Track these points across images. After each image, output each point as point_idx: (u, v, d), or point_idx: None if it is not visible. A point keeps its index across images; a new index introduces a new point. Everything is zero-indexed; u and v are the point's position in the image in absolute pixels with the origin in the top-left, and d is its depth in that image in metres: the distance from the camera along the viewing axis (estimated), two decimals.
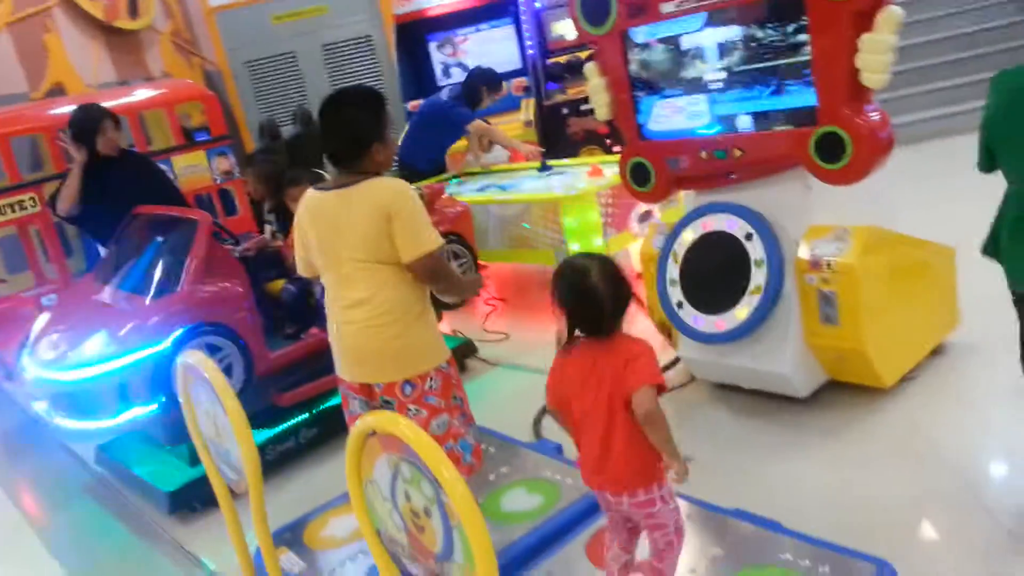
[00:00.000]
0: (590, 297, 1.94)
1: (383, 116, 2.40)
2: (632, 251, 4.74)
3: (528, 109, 7.88)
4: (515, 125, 7.74)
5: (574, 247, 4.52)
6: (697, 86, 3.14)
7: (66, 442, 4.47)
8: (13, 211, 4.54)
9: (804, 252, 2.98)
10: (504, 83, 5.94)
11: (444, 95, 5.91)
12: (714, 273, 3.16)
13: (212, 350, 3.36)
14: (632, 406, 1.89)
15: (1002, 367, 3.16)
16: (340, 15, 9.84)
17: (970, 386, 3.15)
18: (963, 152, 2.66)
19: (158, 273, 3.47)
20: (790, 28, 2.80)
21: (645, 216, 4.79)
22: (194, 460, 3.39)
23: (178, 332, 3.28)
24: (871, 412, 3.07)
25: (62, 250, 4.69)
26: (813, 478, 2.79)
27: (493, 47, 8.24)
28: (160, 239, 3.66)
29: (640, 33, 3.23)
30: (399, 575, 1.87)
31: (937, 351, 3.36)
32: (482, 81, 5.82)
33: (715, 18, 3.00)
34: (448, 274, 2.49)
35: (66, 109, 4.76)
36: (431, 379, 2.43)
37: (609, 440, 1.95)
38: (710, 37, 3.04)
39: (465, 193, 5.40)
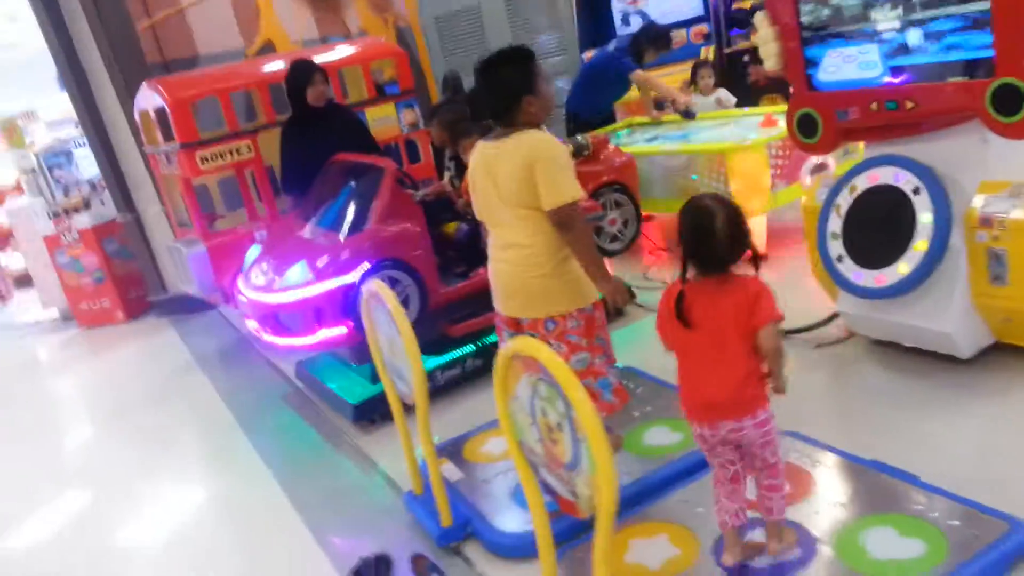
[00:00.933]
0: (711, 236, 2.06)
1: (531, 69, 2.56)
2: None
3: (709, 56, 7.76)
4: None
5: (740, 198, 4.51)
6: (870, 34, 3.06)
7: (271, 358, 5.13)
8: (232, 156, 5.15)
9: (975, 208, 2.87)
10: (670, 39, 5.93)
11: (611, 46, 6.00)
12: (878, 227, 3.11)
13: (392, 283, 3.74)
14: (759, 340, 2.04)
15: None
16: None
17: None
18: None
19: (349, 214, 3.88)
20: None
21: (819, 168, 4.69)
22: (375, 378, 3.82)
23: (364, 266, 3.68)
24: None
25: (272, 191, 5.28)
26: (965, 439, 2.75)
27: None
28: (352, 184, 4.07)
29: None
30: (536, 481, 2.11)
31: None
32: (647, 38, 5.86)
33: None
34: (579, 229, 2.54)
35: (275, 66, 5.34)
36: (573, 318, 2.62)
37: (729, 370, 2.08)
38: None
39: (633, 144, 5.49)
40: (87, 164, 7.68)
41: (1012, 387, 2.94)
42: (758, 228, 4.68)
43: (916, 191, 2.97)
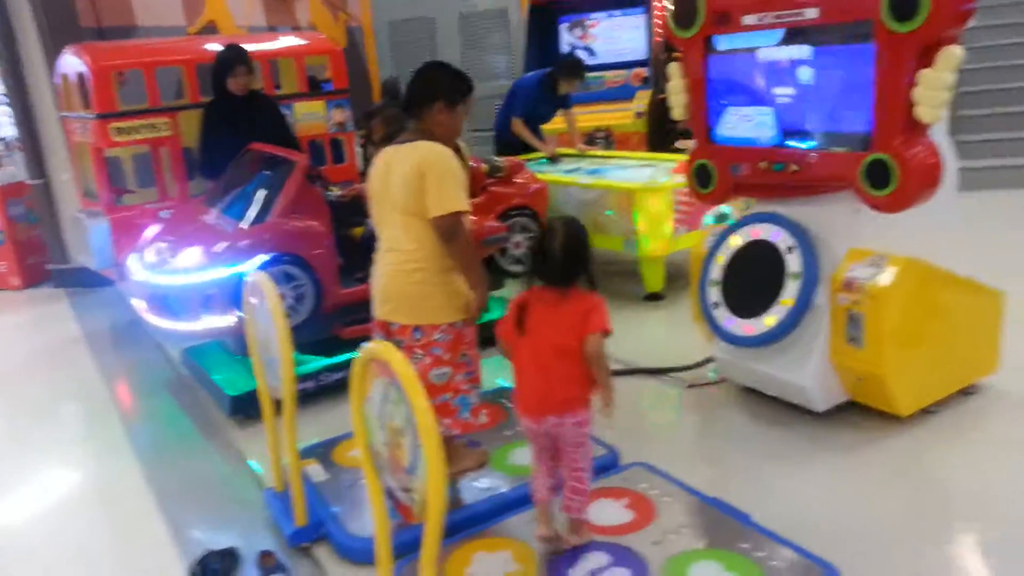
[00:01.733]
0: (551, 253, 2.33)
1: (461, 87, 2.69)
2: None
3: (642, 100, 7.99)
4: (627, 115, 7.89)
5: (643, 237, 4.67)
6: (767, 98, 3.24)
7: (161, 342, 5.03)
8: (149, 131, 5.07)
9: (842, 271, 3.05)
10: (581, 69, 6.10)
11: (531, 76, 6.19)
12: (752, 279, 3.27)
13: (288, 278, 3.74)
14: (585, 346, 2.29)
15: None
16: None
17: (990, 431, 3.15)
18: None
19: (254, 204, 3.87)
20: (857, 55, 2.87)
21: (722, 218, 4.88)
22: None
23: (261, 257, 3.67)
24: (882, 437, 3.12)
25: (185, 172, 5.21)
26: (804, 487, 2.89)
27: (622, 35, 8.37)
28: (262, 174, 4.07)
29: (722, 41, 3.35)
30: (380, 485, 2.15)
31: (968, 391, 3.35)
32: (559, 69, 6.05)
33: (791, 36, 3.09)
34: (462, 240, 2.61)
35: (210, 47, 5.30)
36: (442, 331, 2.66)
37: (560, 372, 2.32)
38: (784, 53, 3.13)
39: (552, 173, 5.62)
40: (4, 122, 7.43)
41: (857, 444, 3.11)
42: (657, 269, 4.84)
43: (790, 249, 3.14)
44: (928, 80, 2.68)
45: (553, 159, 6.03)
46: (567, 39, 8.73)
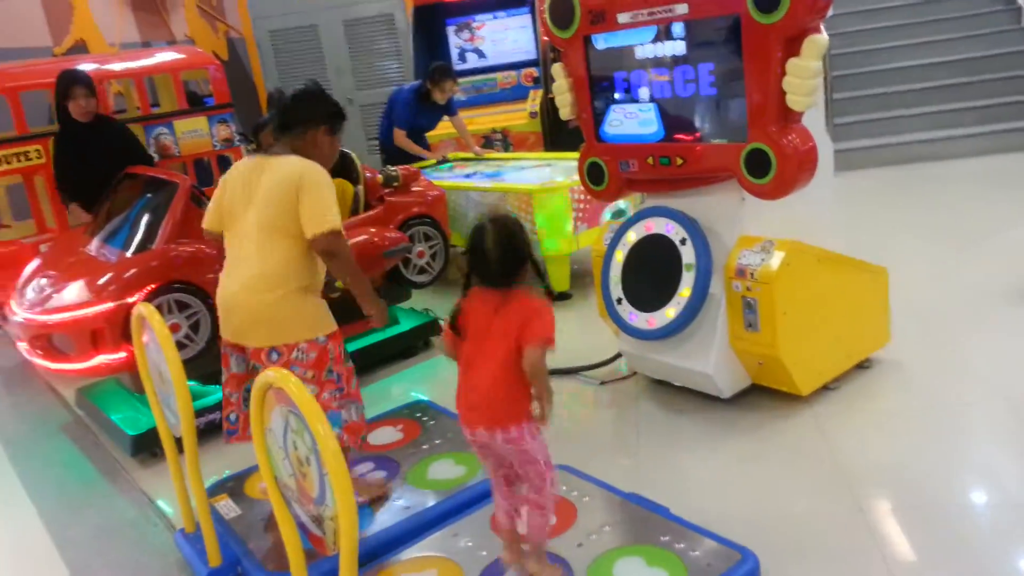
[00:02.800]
0: (483, 252, 2.15)
1: (339, 113, 2.70)
2: None
3: (535, 100, 8.06)
4: (522, 115, 7.94)
5: (545, 238, 4.70)
6: (647, 95, 3.31)
7: (53, 384, 4.76)
8: (19, 160, 4.80)
9: (733, 259, 3.15)
10: (447, 72, 6.10)
11: (407, 87, 6.22)
12: (651, 273, 3.34)
13: (181, 307, 3.60)
14: (524, 358, 2.11)
15: (920, 387, 3.35)
16: None
17: (886, 403, 3.31)
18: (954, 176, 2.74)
19: (138, 230, 3.71)
20: (728, 48, 2.96)
21: (619, 214, 4.96)
22: None
23: (150, 287, 3.52)
24: (785, 417, 3.24)
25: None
26: (716, 474, 2.98)
27: (509, 35, 8.44)
28: (144, 199, 3.90)
29: (600, 40, 3.40)
30: (291, 517, 2.09)
31: (863, 365, 3.52)
32: (427, 78, 6.05)
33: (664, 32, 3.17)
34: (345, 255, 2.60)
35: (82, 67, 5.04)
36: (299, 350, 2.57)
37: (494, 381, 2.16)
38: (660, 50, 3.20)
39: (449, 179, 5.60)
40: None
41: (763, 425, 3.22)
42: (562, 268, 4.89)
43: (683, 241, 3.22)
44: (795, 69, 2.79)
45: (443, 161, 6.01)
46: (455, 42, 8.72)
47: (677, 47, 3.14)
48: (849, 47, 8.39)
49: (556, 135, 7.89)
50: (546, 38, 8.19)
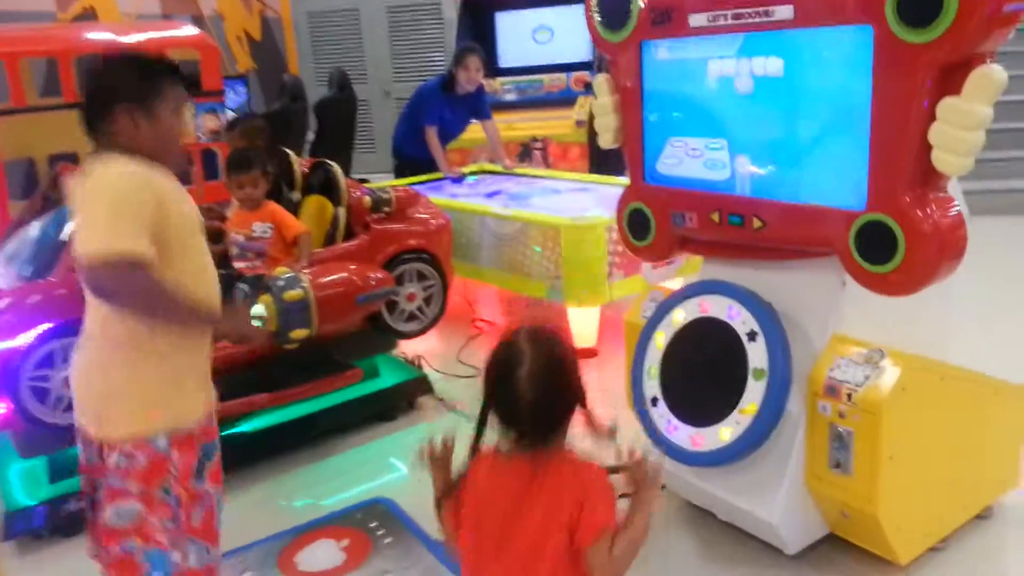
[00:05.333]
0: (514, 392, 1.45)
1: (156, 79, 1.85)
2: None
3: (584, 107, 7.18)
4: (567, 123, 7.07)
5: (571, 284, 3.81)
6: (721, 127, 2.41)
7: None
8: None
9: (822, 369, 2.23)
10: (474, 54, 5.17)
11: (433, 79, 5.36)
12: (702, 372, 2.43)
13: None
14: (587, 561, 1.46)
15: None
16: None
17: (1014, 570, 2.37)
18: None
19: (34, 253, 2.90)
20: (849, 73, 2.04)
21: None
22: (55, 475, 2.86)
23: (42, 327, 2.70)
24: None
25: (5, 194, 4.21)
26: None
27: (561, 32, 7.55)
28: (61, 211, 3.09)
29: (662, 48, 2.50)
30: None
31: (982, 515, 2.57)
32: (453, 62, 5.17)
33: (755, 44, 2.25)
34: (125, 292, 1.70)
35: (88, 35, 4.30)
36: (121, 452, 1.77)
37: None
38: (746, 67, 2.29)
39: (466, 197, 4.74)
40: None
41: None
42: (590, 322, 3.99)
43: (752, 336, 2.30)
44: (952, 113, 1.86)
45: (458, 178, 5.14)
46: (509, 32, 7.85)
47: (771, 65, 2.22)
48: None
49: (602, 151, 7.02)
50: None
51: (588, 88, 7.36)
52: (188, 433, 1.84)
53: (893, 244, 2.00)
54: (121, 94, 1.81)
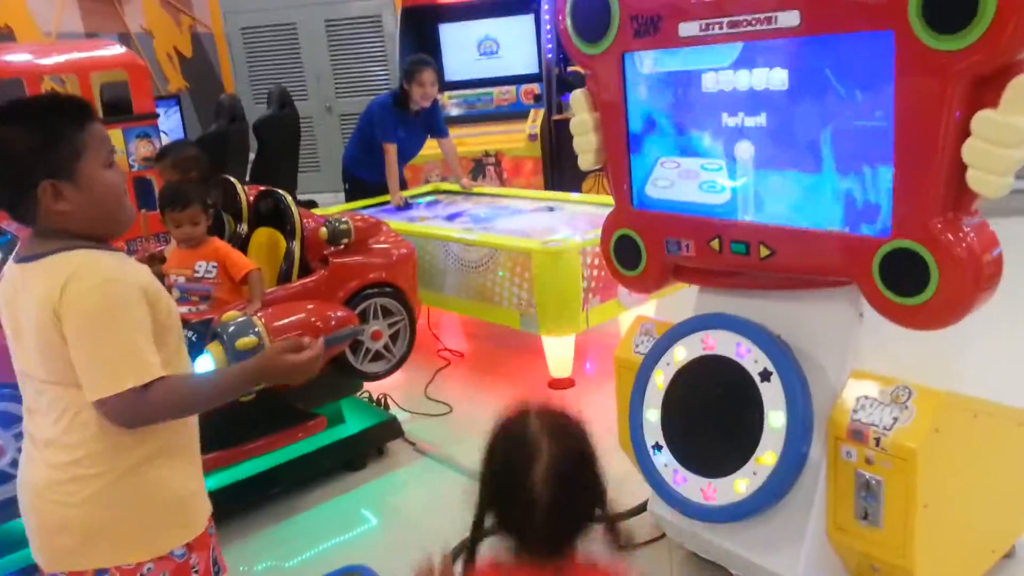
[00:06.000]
0: (523, 491, 1.20)
1: (62, 137, 1.46)
2: (622, 322, 3.81)
3: (536, 120, 6.97)
4: (520, 136, 6.86)
5: (544, 314, 3.57)
6: (718, 146, 2.19)
7: None
8: None
9: (844, 410, 2.02)
10: (427, 67, 4.84)
11: (383, 95, 5.07)
12: (711, 416, 2.21)
13: (8, 422, 2.45)
14: None
15: None
16: None
17: None
18: None
19: None
20: (868, 84, 1.85)
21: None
22: None
23: None
24: None
25: None
26: None
27: (508, 44, 7.33)
28: None
29: (647, 60, 2.28)
30: None
31: (1008, 554, 2.40)
32: (402, 75, 4.90)
33: (755, 53, 2.05)
34: (160, 413, 1.49)
35: (5, 58, 3.91)
36: (142, 575, 1.52)
37: None
38: (744, 80, 2.08)
39: (427, 220, 4.47)
40: None
41: None
42: (565, 351, 3.75)
43: (766, 376, 2.08)
44: (989, 128, 1.67)
45: (405, 207, 4.84)
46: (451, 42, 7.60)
47: (775, 78, 2.02)
48: None
49: (558, 162, 6.82)
50: (551, 55, 7.21)
51: (538, 100, 7.17)
52: (198, 532, 1.59)
53: (924, 274, 1.80)
54: (32, 169, 1.44)
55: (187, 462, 1.62)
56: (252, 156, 6.66)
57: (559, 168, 6.80)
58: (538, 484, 1.19)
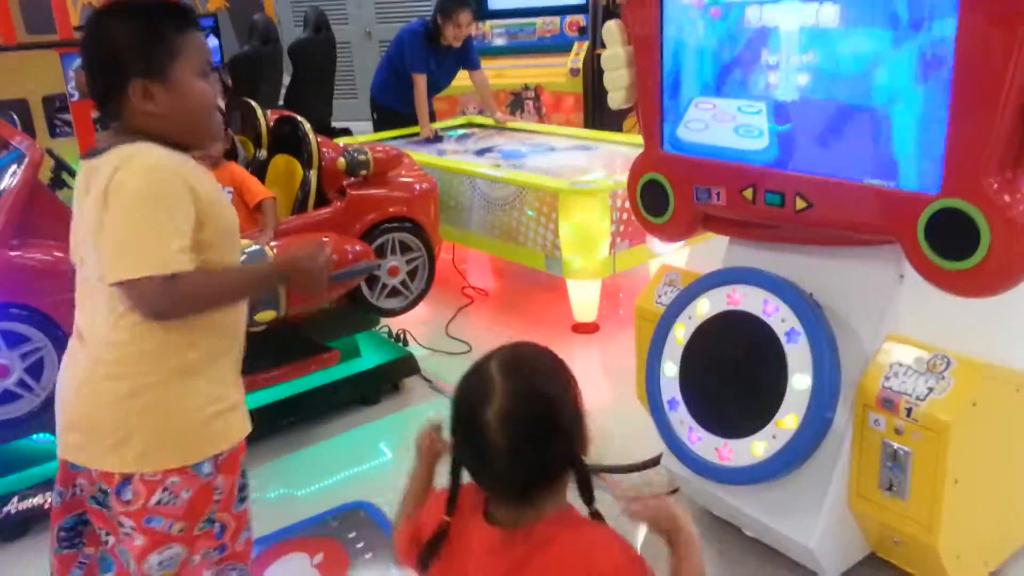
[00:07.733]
0: (483, 439, 1.11)
1: (160, 38, 1.47)
2: (653, 268, 3.68)
3: (579, 54, 6.72)
4: (561, 71, 6.63)
5: (570, 255, 3.46)
6: (759, 87, 2.03)
7: None
8: None
9: (875, 377, 1.90)
10: (465, 8, 4.63)
11: (415, 23, 4.85)
12: (731, 375, 2.11)
13: (13, 341, 2.44)
14: None
15: None
16: None
17: None
18: None
19: None
20: (924, 25, 1.67)
21: None
22: None
23: None
24: None
25: None
26: None
27: None
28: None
29: None
30: None
31: None
32: (436, 11, 4.68)
33: None
34: (179, 307, 1.44)
35: None
36: (165, 488, 1.47)
37: None
38: (791, 16, 1.91)
39: (455, 155, 4.34)
40: None
41: None
42: (591, 296, 3.64)
43: (792, 335, 1.97)
44: None
45: (435, 139, 4.71)
46: None
47: (825, 13, 1.84)
48: None
49: (599, 99, 6.59)
50: None
51: (583, 33, 6.90)
52: (223, 449, 1.53)
53: (974, 237, 1.65)
54: (126, 64, 1.45)
55: (227, 374, 1.57)
56: (287, 80, 6.56)
57: (600, 106, 6.58)
58: (491, 427, 1.10)
